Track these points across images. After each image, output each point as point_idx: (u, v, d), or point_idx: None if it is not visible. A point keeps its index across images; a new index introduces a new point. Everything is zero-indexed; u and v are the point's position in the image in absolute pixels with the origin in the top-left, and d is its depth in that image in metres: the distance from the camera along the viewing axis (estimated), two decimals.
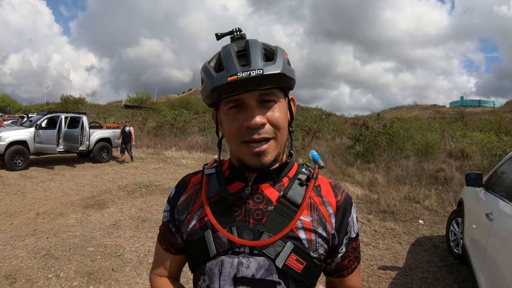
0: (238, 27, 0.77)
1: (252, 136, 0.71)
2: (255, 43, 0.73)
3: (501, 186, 3.18)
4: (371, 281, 3.51)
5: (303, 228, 0.76)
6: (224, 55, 0.72)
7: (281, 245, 0.73)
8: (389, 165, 10.37)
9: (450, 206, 6.37)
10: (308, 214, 0.77)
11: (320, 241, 0.77)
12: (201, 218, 0.80)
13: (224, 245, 0.75)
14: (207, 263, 0.76)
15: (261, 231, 0.74)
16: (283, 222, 0.75)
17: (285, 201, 0.77)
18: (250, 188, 0.79)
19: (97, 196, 6.48)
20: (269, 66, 0.68)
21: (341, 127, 21.27)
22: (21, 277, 3.23)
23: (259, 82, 0.68)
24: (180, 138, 17.75)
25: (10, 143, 8.64)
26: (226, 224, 0.76)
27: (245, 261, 0.74)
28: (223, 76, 0.68)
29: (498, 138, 12.92)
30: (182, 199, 0.86)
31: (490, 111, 41.83)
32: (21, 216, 5.09)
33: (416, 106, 63.66)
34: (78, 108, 30.43)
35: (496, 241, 2.59)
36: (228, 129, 0.74)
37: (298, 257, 0.74)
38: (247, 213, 0.77)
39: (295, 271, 0.73)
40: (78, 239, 4.22)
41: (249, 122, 0.70)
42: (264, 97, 0.72)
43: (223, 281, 0.74)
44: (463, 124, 25.61)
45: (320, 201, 0.80)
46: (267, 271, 0.73)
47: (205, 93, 0.74)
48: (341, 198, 0.81)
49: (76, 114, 10.66)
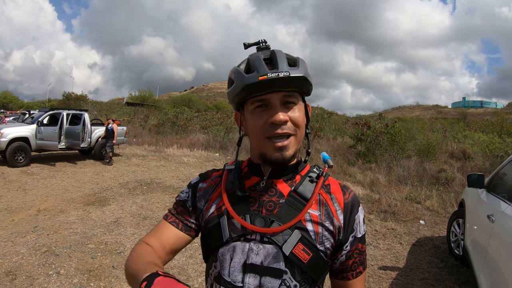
0: (264, 39, 0.87)
1: (276, 131, 0.78)
2: (280, 52, 0.82)
3: (503, 188, 3.16)
4: (371, 281, 3.51)
5: (311, 221, 0.81)
6: (253, 60, 0.80)
7: (289, 233, 0.79)
8: (390, 165, 10.37)
9: (451, 207, 6.36)
10: (316, 209, 0.83)
11: (326, 234, 0.81)
12: (219, 207, 0.87)
13: (237, 231, 0.81)
14: (220, 248, 0.82)
15: (272, 220, 0.80)
16: (293, 214, 0.81)
17: (296, 195, 0.83)
18: (265, 182, 0.87)
19: (98, 193, 6.49)
20: (294, 70, 0.78)
21: (343, 126, 21.27)
22: (22, 274, 3.23)
23: (286, 83, 0.77)
24: (182, 136, 17.76)
25: (11, 140, 8.65)
26: (241, 212, 0.82)
27: (255, 248, 0.79)
28: (254, 76, 0.77)
29: (500, 139, 12.89)
30: (202, 186, 0.94)
31: (492, 112, 41.77)
32: (22, 213, 5.10)
33: (418, 106, 63.57)
34: (80, 105, 30.46)
35: (498, 243, 2.58)
36: (253, 126, 0.82)
37: (305, 247, 0.78)
38: (261, 204, 0.83)
39: (302, 261, 0.77)
40: (78, 236, 4.23)
41: (274, 118, 0.78)
42: (287, 99, 0.80)
43: (233, 267, 0.79)
44: (465, 125, 25.54)
45: (329, 197, 0.86)
46: (275, 259, 0.78)
47: (234, 92, 0.82)
48: (349, 196, 0.87)
49: (78, 111, 10.67)
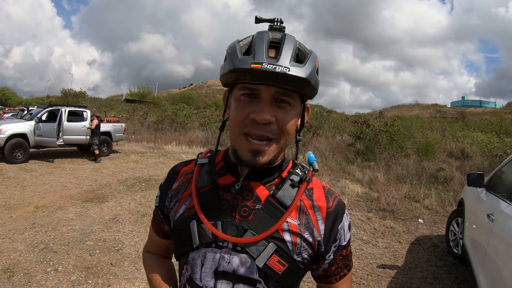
0: (280, 18, 0.74)
1: (254, 130, 0.68)
2: (291, 40, 0.70)
3: (503, 187, 3.16)
4: (370, 280, 3.50)
5: (289, 231, 0.74)
6: (256, 40, 0.69)
7: (264, 245, 0.72)
8: (389, 163, 10.37)
9: (450, 206, 6.37)
10: (296, 217, 0.76)
11: (305, 246, 0.75)
12: (189, 208, 0.80)
13: (207, 238, 0.75)
14: (191, 253, 0.77)
15: (246, 228, 0.73)
16: (269, 222, 0.73)
17: (274, 201, 0.75)
18: (241, 184, 0.78)
19: (97, 190, 6.47)
20: (296, 68, 0.65)
21: (342, 124, 21.26)
22: (19, 271, 3.22)
23: (280, 80, 0.65)
24: (181, 133, 17.72)
25: (10, 136, 8.60)
26: (212, 217, 0.75)
27: (227, 257, 0.73)
28: (247, 60, 0.65)
29: (499, 139, 12.91)
30: (173, 187, 0.87)
31: (491, 112, 41.85)
32: (20, 209, 5.08)
33: (417, 105, 63.61)
34: (78, 101, 30.36)
35: (497, 242, 2.58)
36: (234, 116, 0.72)
37: (280, 259, 0.72)
38: (234, 208, 0.75)
39: (276, 272, 0.72)
40: (77, 233, 4.22)
41: (256, 115, 0.67)
42: (281, 96, 0.69)
43: (204, 273, 0.74)
44: (464, 124, 25.58)
45: (310, 205, 0.77)
46: (248, 269, 0.73)
47: (223, 71, 0.72)
48: (332, 204, 0.79)
49: (77, 108, 10.62)
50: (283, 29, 0.74)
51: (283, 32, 0.73)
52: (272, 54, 0.68)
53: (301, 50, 0.71)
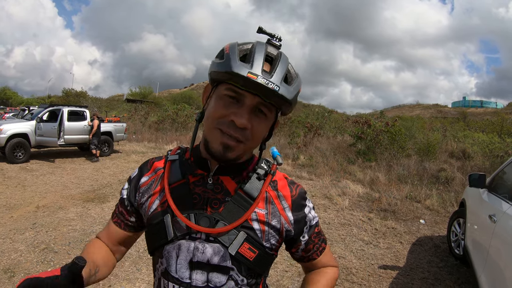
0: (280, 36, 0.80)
1: (230, 130, 0.73)
2: (285, 61, 0.76)
3: (505, 188, 3.15)
4: (371, 280, 3.50)
5: (257, 220, 0.81)
6: (256, 51, 0.73)
7: (235, 234, 0.78)
8: (390, 163, 10.36)
9: (451, 206, 6.35)
10: (263, 207, 0.82)
11: (272, 232, 0.82)
12: (163, 203, 0.84)
13: (182, 230, 0.79)
14: (166, 246, 0.80)
15: (217, 219, 0.78)
16: (239, 213, 0.79)
17: (242, 193, 0.81)
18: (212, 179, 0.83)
19: (98, 190, 6.48)
20: (285, 88, 0.72)
21: (343, 124, 21.25)
22: (20, 271, 3.22)
23: (268, 94, 0.71)
24: (182, 132, 17.74)
25: (11, 136, 8.62)
26: (185, 210, 0.79)
27: (201, 247, 0.78)
28: (245, 68, 0.70)
29: (500, 139, 12.88)
30: (143, 181, 0.90)
31: (492, 112, 41.79)
32: (21, 209, 5.08)
33: (418, 105, 63.61)
34: (79, 101, 30.41)
35: (499, 243, 2.57)
36: (212, 111, 0.76)
37: (251, 246, 0.78)
38: (206, 201, 0.81)
39: (247, 259, 0.78)
40: (78, 233, 4.21)
41: (237, 119, 0.72)
42: (261, 107, 0.75)
43: (180, 264, 0.78)
44: (465, 124, 25.55)
45: (276, 195, 0.85)
46: (221, 258, 0.77)
47: (217, 68, 0.75)
48: (295, 192, 0.87)
49: (78, 108, 10.63)
50: (280, 46, 0.79)
51: (279, 49, 0.79)
52: (266, 68, 0.73)
53: (290, 72, 0.77)
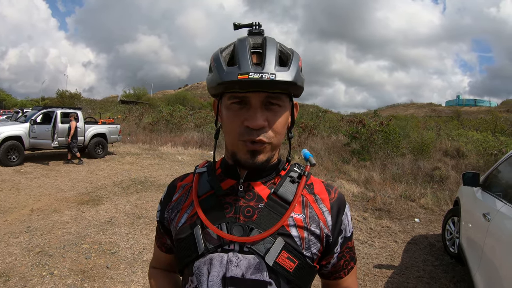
0: (258, 22, 0.75)
1: (251, 136, 0.69)
2: (272, 43, 0.70)
3: (499, 186, 3.17)
4: (367, 280, 3.51)
5: (295, 225, 0.74)
6: (238, 49, 0.69)
7: (271, 241, 0.71)
8: (385, 163, 10.41)
9: (446, 205, 6.40)
10: (300, 211, 0.75)
11: (313, 239, 0.75)
12: (191, 216, 0.78)
13: (213, 242, 0.73)
14: (196, 261, 0.74)
15: (251, 227, 0.72)
16: (274, 219, 0.73)
17: (276, 198, 0.75)
18: (242, 186, 0.77)
19: (92, 192, 6.43)
20: (282, 72, 0.66)
21: (337, 124, 21.31)
22: (15, 275, 3.19)
23: (269, 86, 0.66)
24: (176, 134, 17.67)
25: (4, 139, 8.53)
26: (216, 221, 0.74)
27: (235, 259, 0.71)
28: (234, 72, 0.66)
29: (494, 137, 12.99)
30: (173, 199, 0.86)
31: (486, 111, 42.13)
32: (15, 213, 5.03)
33: (412, 104, 63.99)
34: (73, 103, 30.18)
35: (493, 242, 2.59)
36: (228, 125, 0.72)
37: (290, 255, 0.71)
38: (237, 210, 0.75)
39: (287, 270, 0.71)
40: (72, 236, 4.18)
41: (251, 123, 0.68)
42: (270, 100, 0.70)
43: (211, 281, 0.71)
44: (459, 123, 25.74)
45: (313, 198, 0.78)
46: (257, 270, 0.70)
47: (210, 84, 0.72)
48: (334, 195, 0.80)
49: (71, 110, 10.55)
50: (262, 32, 0.74)
51: (263, 35, 0.74)
52: (255, 60, 0.69)
53: (283, 52, 0.72)
